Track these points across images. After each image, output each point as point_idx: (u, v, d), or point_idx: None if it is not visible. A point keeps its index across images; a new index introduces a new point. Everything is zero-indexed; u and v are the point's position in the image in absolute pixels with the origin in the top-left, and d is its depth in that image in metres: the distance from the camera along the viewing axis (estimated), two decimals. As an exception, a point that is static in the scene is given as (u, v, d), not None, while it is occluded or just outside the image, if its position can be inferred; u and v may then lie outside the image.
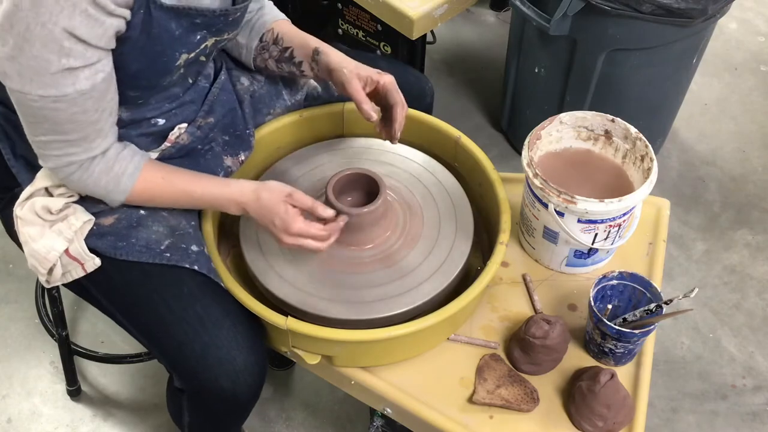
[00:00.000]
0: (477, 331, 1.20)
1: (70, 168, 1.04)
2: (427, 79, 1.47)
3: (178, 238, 1.14)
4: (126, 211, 1.14)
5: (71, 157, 1.03)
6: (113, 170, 1.06)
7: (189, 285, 1.11)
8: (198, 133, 1.18)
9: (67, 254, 1.10)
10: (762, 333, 1.84)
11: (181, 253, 1.12)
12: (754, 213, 2.11)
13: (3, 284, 1.89)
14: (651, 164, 1.19)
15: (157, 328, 1.11)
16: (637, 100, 1.92)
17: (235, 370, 1.08)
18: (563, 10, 1.69)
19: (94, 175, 1.06)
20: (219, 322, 1.09)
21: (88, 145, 1.03)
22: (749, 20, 2.72)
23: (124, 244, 1.12)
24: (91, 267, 1.11)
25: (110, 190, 1.08)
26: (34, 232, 1.09)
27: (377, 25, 1.90)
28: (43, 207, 1.08)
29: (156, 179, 1.10)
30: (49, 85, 0.93)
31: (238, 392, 1.10)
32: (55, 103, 0.95)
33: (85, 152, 1.03)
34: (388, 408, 1.14)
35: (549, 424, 1.09)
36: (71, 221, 1.10)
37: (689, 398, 1.72)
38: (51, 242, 1.08)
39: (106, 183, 1.07)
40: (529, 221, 1.25)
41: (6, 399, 1.69)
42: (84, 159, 1.04)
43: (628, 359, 1.15)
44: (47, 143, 1.01)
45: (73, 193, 1.11)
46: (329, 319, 1.11)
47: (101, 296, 1.16)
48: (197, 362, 1.08)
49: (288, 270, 1.17)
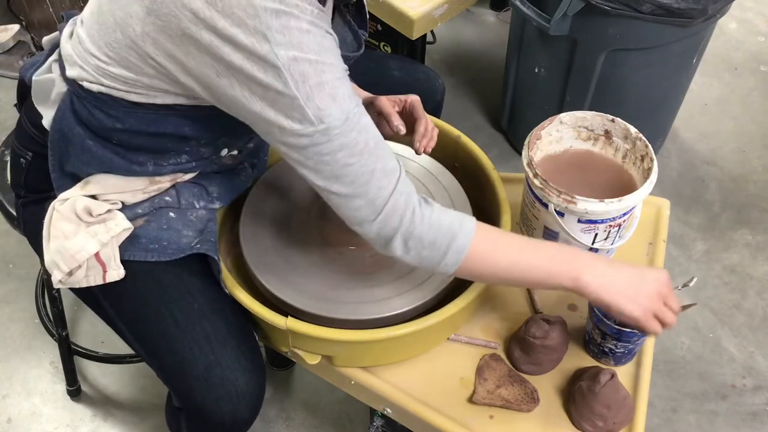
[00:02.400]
0: (477, 331, 1.20)
1: (406, 215, 0.96)
2: (437, 76, 1.47)
3: (206, 235, 1.14)
4: (155, 213, 1.12)
5: (402, 197, 0.96)
6: (441, 219, 0.98)
7: (200, 301, 1.09)
8: (238, 156, 1.19)
9: (96, 257, 1.06)
10: (762, 333, 1.84)
11: (209, 245, 1.12)
12: (754, 213, 2.11)
13: (3, 284, 1.89)
14: (651, 164, 1.19)
15: (161, 343, 1.08)
16: (637, 100, 1.92)
17: (237, 392, 1.07)
18: (563, 10, 1.69)
19: (427, 219, 0.97)
20: (224, 341, 1.07)
21: (401, 186, 0.96)
22: (749, 20, 2.72)
23: (156, 246, 1.10)
24: (113, 277, 1.08)
25: (455, 234, 0.98)
26: (68, 229, 1.06)
27: (377, 25, 1.90)
28: (85, 208, 1.06)
29: (493, 235, 1.02)
30: (354, 115, 0.90)
31: (238, 415, 1.08)
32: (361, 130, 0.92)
33: (406, 191, 0.97)
34: (388, 408, 1.14)
35: (549, 424, 1.09)
36: (110, 225, 1.07)
37: (689, 398, 1.72)
38: (84, 242, 1.05)
39: (450, 223, 0.98)
40: (529, 221, 1.25)
41: (6, 399, 1.69)
42: (412, 199, 0.97)
43: (629, 359, 1.15)
44: (349, 198, 0.95)
45: (117, 201, 1.09)
46: (329, 319, 1.11)
47: (108, 303, 1.14)
48: (198, 381, 1.06)
49: (288, 270, 1.17)
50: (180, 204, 1.14)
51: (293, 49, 0.84)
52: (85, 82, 1.00)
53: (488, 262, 1.01)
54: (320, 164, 0.92)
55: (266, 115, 0.89)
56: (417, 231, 0.97)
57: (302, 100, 0.86)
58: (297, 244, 1.21)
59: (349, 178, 0.93)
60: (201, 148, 1.09)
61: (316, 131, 0.88)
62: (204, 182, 1.16)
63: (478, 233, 1.00)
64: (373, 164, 0.93)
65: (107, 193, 1.09)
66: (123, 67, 0.96)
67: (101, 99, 1.01)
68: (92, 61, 0.98)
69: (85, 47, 0.99)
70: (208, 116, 1.01)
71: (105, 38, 0.95)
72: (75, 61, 1.02)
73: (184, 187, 1.14)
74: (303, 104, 0.86)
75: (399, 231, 0.97)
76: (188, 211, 1.14)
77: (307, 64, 0.86)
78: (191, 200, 1.15)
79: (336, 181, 0.93)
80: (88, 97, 1.02)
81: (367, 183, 0.93)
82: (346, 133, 0.90)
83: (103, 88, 0.99)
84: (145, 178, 1.10)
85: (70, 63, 1.03)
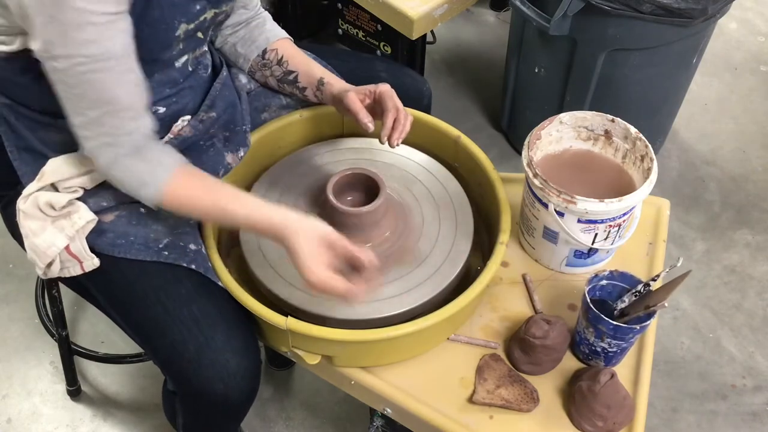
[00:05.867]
0: (477, 331, 1.20)
1: (109, 151, 1.01)
2: (424, 81, 1.47)
3: (176, 236, 1.14)
4: (126, 207, 1.14)
5: (110, 137, 1.00)
6: (149, 158, 1.04)
7: (186, 285, 1.11)
8: (200, 126, 1.18)
9: (67, 251, 1.09)
10: (762, 333, 1.84)
11: (179, 251, 1.12)
12: (754, 213, 2.11)
13: (3, 284, 1.89)
14: (651, 164, 1.19)
15: (152, 328, 1.10)
16: (637, 100, 1.92)
17: (228, 373, 1.08)
18: (563, 10, 1.69)
19: (130, 159, 1.03)
20: (214, 323, 1.09)
21: (129, 123, 1.01)
22: (749, 20, 2.72)
23: (123, 242, 1.12)
24: (90, 267, 1.11)
25: (145, 182, 1.04)
26: (35, 227, 1.08)
27: (377, 25, 1.90)
28: (47, 202, 1.08)
29: (194, 182, 1.07)
30: (92, 41, 0.92)
31: (230, 395, 1.09)
32: (98, 63, 0.94)
33: (125, 130, 1.01)
34: (388, 408, 1.14)
35: (549, 424, 1.09)
36: (74, 219, 1.09)
37: (689, 398, 1.72)
38: (52, 238, 1.08)
39: (141, 173, 1.04)
40: (529, 221, 1.25)
41: (6, 399, 1.69)
42: (123, 138, 1.01)
43: (619, 359, 1.14)
44: (89, 123, 0.99)
45: (77, 189, 1.11)
46: (329, 319, 1.11)
47: (99, 294, 1.17)
48: (190, 363, 1.07)
49: (288, 270, 1.16)
50: None
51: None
52: None
53: (187, 207, 1.07)
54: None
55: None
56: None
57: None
58: (297, 244, 1.21)
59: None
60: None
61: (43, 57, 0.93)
62: None
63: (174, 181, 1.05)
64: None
65: (64, 179, 1.10)
66: None
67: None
68: None
69: None
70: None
71: None
72: None
73: None
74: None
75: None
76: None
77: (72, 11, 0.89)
78: None
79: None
80: None
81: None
82: (66, 70, 0.94)
83: None
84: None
85: None
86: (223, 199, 1.06)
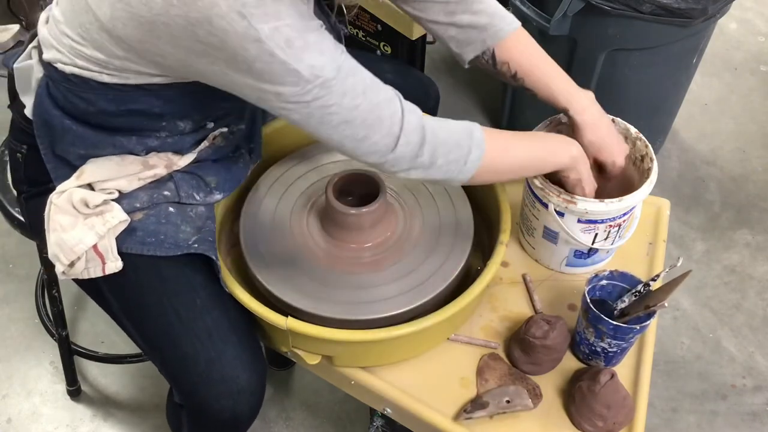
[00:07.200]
0: (477, 331, 1.20)
1: (426, 127, 1.00)
2: (431, 82, 1.46)
3: (204, 233, 1.13)
4: (155, 207, 1.12)
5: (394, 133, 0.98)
6: (448, 121, 1.04)
7: (202, 296, 1.09)
8: (231, 138, 1.18)
9: (94, 249, 1.06)
10: (762, 333, 1.84)
11: (207, 244, 1.11)
12: (754, 213, 2.11)
13: (3, 284, 1.89)
14: (651, 164, 1.19)
15: (163, 337, 1.09)
16: (637, 100, 1.92)
17: (238, 389, 1.07)
18: (563, 10, 1.69)
19: (440, 124, 1.02)
20: (226, 336, 1.07)
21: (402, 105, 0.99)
22: (749, 20, 2.72)
23: (153, 240, 1.10)
24: (112, 269, 1.08)
25: (469, 138, 1.03)
26: (65, 222, 1.05)
27: (377, 25, 1.90)
28: (81, 199, 1.05)
29: (492, 130, 1.06)
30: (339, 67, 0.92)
31: (238, 411, 1.08)
32: (353, 76, 0.94)
33: (411, 107, 1.00)
34: (388, 408, 1.14)
35: (549, 424, 1.09)
36: (107, 218, 1.06)
37: (689, 398, 1.72)
38: (81, 235, 1.05)
39: (460, 131, 1.03)
40: (529, 221, 1.25)
41: (6, 399, 1.69)
42: (418, 111, 1.00)
43: (619, 359, 1.14)
44: (365, 137, 0.97)
45: (114, 191, 1.09)
46: (329, 319, 1.11)
47: (112, 295, 1.14)
48: (200, 377, 1.06)
49: (288, 270, 1.17)
50: (179, 197, 1.13)
51: (271, 19, 0.85)
52: (59, 64, 1.01)
53: (502, 152, 1.08)
54: (326, 116, 0.94)
55: (259, 86, 0.90)
56: (441, 136, 1.01)
57: (293, 64, 0.87)
58: (297, 243, 1.21)
59: (360, 118, 0.95)
60: (178, 122, 1.09)
61: (314, 86, 0.90)
62: (200, 172, 1.15)
63: (483, 128, 1.05)
64: (377, 97, 0.96)
65: (102, 180, 1.08)
66: (95, 49, 0.96)
67: (73, 82, 1.01)
68: (66, 41, 0.98)
69: (60, 29, 1.00)
70: (180, 94, 1.01)
71: (78, 19, 0.96)
72: (51, 43, 1.02)
73: (182, 179, 1.13)
74: (295, 67, 0.88)
75: (425, 143, 1.00)
76: (188, 206, 1.14)
77: (288, 29, 0.87)
78: (190, 192, 1.14)
79: (347, 126, 0.95)
80: (60, 80, 1.02)
81: (379, 116, 0.96)
82: (343, 80, 0.92)
83: (76, 69, 0.99)
84: (138, 162, 1.09)
85: (47, 46, 1.03)
86: (520, 140, 1.11)
